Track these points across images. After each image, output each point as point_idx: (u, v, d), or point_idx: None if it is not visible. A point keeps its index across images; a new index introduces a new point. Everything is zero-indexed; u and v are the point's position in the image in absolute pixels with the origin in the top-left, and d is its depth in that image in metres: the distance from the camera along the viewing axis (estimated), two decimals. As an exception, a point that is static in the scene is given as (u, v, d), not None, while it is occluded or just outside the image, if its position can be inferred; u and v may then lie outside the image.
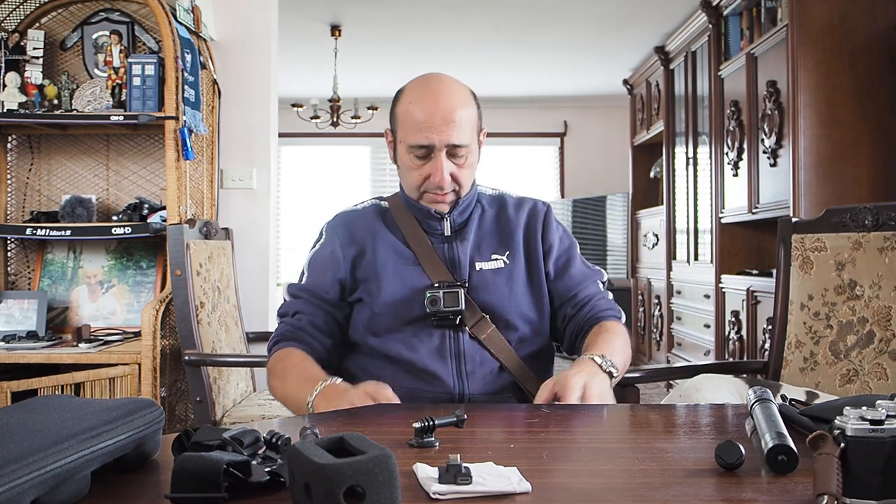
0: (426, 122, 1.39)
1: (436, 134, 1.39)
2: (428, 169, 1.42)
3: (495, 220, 1.54)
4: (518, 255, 1.50)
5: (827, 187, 3.43)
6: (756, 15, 4.01)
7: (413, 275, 1.45)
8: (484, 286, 1.45)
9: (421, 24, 5.25)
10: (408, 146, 1.43)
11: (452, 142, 1.40)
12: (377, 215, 1.54)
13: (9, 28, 2.80)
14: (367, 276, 1.47)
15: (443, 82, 1.45)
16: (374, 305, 1.44)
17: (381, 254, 1.47)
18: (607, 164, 7.52)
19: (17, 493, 0.62)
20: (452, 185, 1.45)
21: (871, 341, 1.72)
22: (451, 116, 1.39)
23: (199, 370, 2.22)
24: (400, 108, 1.46)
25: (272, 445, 0.80)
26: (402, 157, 1.46)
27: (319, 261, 1.52)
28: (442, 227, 1.49)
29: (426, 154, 1.42)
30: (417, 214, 1.50)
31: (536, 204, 1.58)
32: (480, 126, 1.50)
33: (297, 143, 7.67)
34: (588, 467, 0.86)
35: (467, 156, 1.44)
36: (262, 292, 2.99)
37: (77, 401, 0.85)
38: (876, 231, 1.77)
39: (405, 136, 1.43)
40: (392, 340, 1.43)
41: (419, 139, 1.40)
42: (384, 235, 1.49)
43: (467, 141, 1.42)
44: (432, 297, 1.40)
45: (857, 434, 0.72)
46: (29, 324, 2.63)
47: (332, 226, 1.55)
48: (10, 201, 2.90)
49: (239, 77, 3.03)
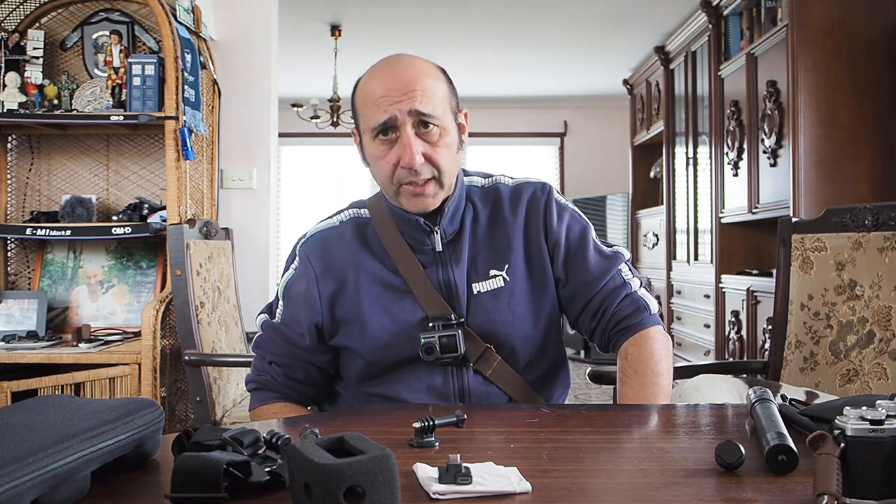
0: (384, 96, 1.19)
1: (395, 104, 1.18)
2: (396, 152, 1.20)
3: (490, 226, 1.33)
4: (518, 266, 1.31)
5: (827, 187, 3.43)
6: (756, 15, 4.01)
7: (405, 309, 1.26)
8: (484, 313, 1.28)
9: (421, 24, 5.26)
10: (370, 130, 1.22)
11: (416, 108, 1.18)
12: (357, 234, 1.32)
13: (9, 28, 2.80)
14: (349, 316, 1.28)
15: (402, 57, 1.26)
16: (363, 353, 1.27)
17: (366, 288, 1.28)
18: (607, 164, 7.53)
19: (17, 493, 0.62)
20: (430, 170, 1.21)
21: (871, 341, 1.72)
22: (412, 84, 1.19)
23: (199, 370, 2.22)
24: (357, 94, 1.26)
25: (272, 445, 0.80)
26: (369, 148, 1.24)
27: (293, 295, 1.33)
28: (432, 241, 1.28)
29: (391, 132, 1.20)
30: (403, 227, 1.29)
31: (535, 192, 1.36)
32: (457, 105, 1.28)
33: (297, 143, 7.68)
34: (588, 467, 0.86)
35: (442, 133, 1.22)
36: (262, 292, 2.99)
37: (77, 401, 0.85)
38: (876, 231, 1.77)
39: (366, 120, 1.23)
40: (387, 383, 1.28)
41: (378, 115, 1.19)
42: (367, 263, 1.29)
43: (436, 112, 1.20)
44: (427, 346, 1.22)
45: (857, 434, 0.72)
46: (29, 324, 2.63)
47: (307, 251, 1.33)
48: (10, 201, 2.90)
49: (239, 77, 3.03)
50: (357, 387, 1.32)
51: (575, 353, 6.27)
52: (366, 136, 1.25)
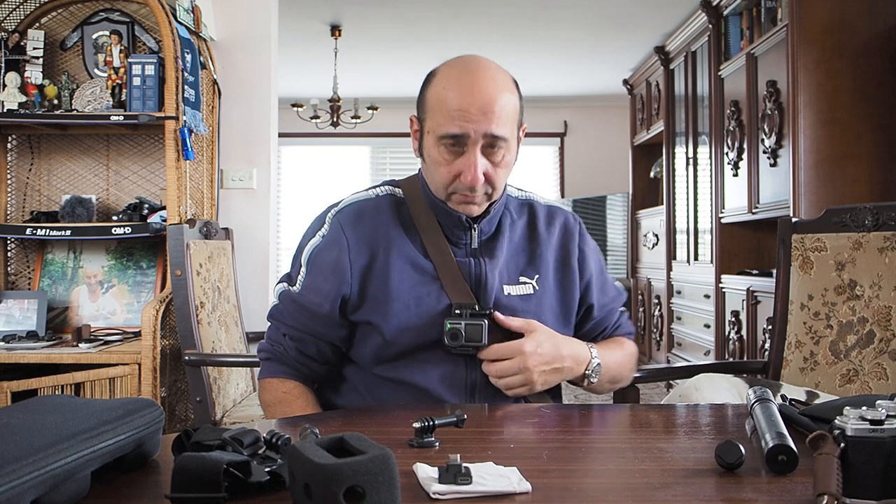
0: (461, 110, 1.20)
1: (472, 123, 1.20)
2: (459, 165, 1.23)
3: (525, 235, 1.37)
4: (548, 280, 1.35)
5: (827, 187, 3.43)
6: (756, 15, 4.01)
7: (431, 295, 1.27)
8: (511, 313, 1.28)
9: (421, 24, 5.26)
10: (438, 137, 1.23)
11: (492, 131, 1.21)
12: (393, 210, 1.33)
13: (9, 28, 2.80)
14: (377, 293, 1.27)
15: (482, 65, 1.27)
16: (385, 332, 1.26)
17: (397, 266, 1.28)
18: (607, 164, 7.53)
19: (17, 493, 0.62)
20: (485, 188, 1.25)
21: (871, 341, 1.72)
22: (492, 104, 1.21)
23: (199, 370, 2.22)
24: (431, 92, 1.27)
25: (272, 445, 0.80)
26: (430, 149, 1.26)
27: (321, 263, 1.31)
28: (468, 238, 1.31)
29: (459, 146, 1.23)
30: (441, 218, 1.31)
31: (568, 218, 1.42)
32: (521, 120, 1.30)
33: (297, 143, 7.68)
34: (588, 467, 0.86)
35: (505, 153, 1.25)
36: (262, 292, 2.99)
37: (77, 401, 0.85)
38: (876, 231, 1.77)
39: (435, 125, 1.24)
40: (402, 367, 1.28)
41: (452, 128, 1.21)
42: (400, 241, 1.29)
43: (507, 134, 1.23)
44: (453, 331, 1.22)
45: (857, 434, 0.72)
46: (29, 324, 2.63)
47: (341, 220, 1.32)
48: (10, 201, 2.90)
49: (239, 77, 3.03)
50: (369, 368, 1.31)
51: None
52: (430, 137, 1.26)
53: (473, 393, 1.28)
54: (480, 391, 1.28)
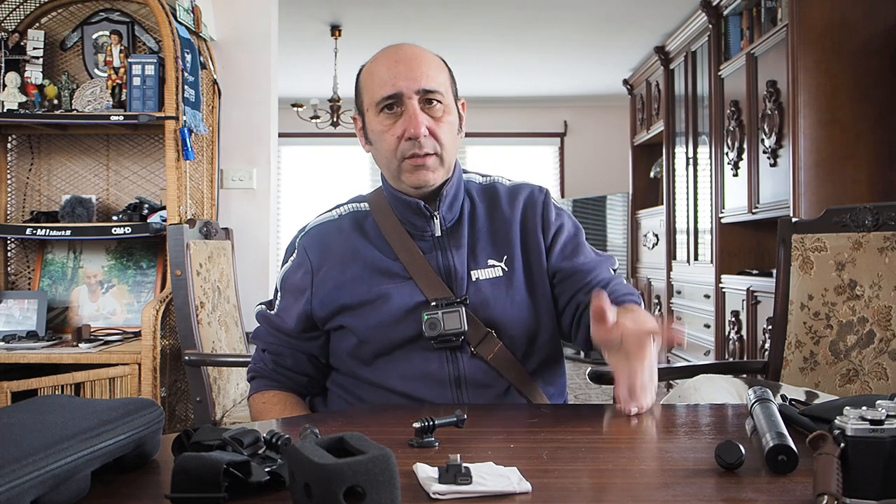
0: (391, 73, 1.25)
1: (402, 80, 1.24)
2: (401, 124, 1.25)
3: (488, 218, 1.36)
4: (516, 258, 1.34)
5: (827, 187, 3.43)
6: (756, 15, 4.01)
7: (404, 292, 1.28)
8: (482, 300, 1.29)
9: (421, 24, 5.25)
10: (375, 105, 1.27)
11: (423, 86, 1.24)
12: (355, 226, 1.35)
13: (9, 28, 2.80)
14: (345, 301, 1.29)
15: (406, 44, 1.32)
16: (358, 332, 1.28)
17: (364, 275, 1.30)
18: (607, 164, 7.52)
19: (17, 493, 0.62)
20: (432, 144, 1.25)
21: (871, 341, 1.72)
22: (419, 64, 1.26)
23: (199, 370, 2.22)
24: (362, 77, 1.32)
25: (272, 445, 0.80)
26: (372, 125, 1.29)
27: (290, 285, 1.36)
28: (431, 227, 1.31)
29: (397, 108, 1.25)
30: (402, 213, 1.32)
31: (532, 192, 1.40)
32: (456, 93, 1.34)
33: (297, 143, 7.68)
34: (588, 467, 0.86)
35: (445, 111, 1.27)
36: (262, 292, 2.99)
37: (77, 401, 0.85)
38: (876, 231, 1.77)
39: (371, 98, 1.28)
40: (381, 369, 1.29)
41: (385, 90, 1.25)
42: (366, 251, 1.31)
43: (441, 88, 1.27)
44: (431, 321, 1.24)
45: (857, 434, 0.72)
46: (29, 324, 2.63)
47: (304, 243, 1.37)
48: (10, 201, 2.90)
49: (239, 77, 3.03)
50: (351, 373, 1.32)
51: (575, 353, 6.28)
52: (370, 113, 1.29)
53: (459, 387, 1.27)
54: (466, 385, 1.27)
